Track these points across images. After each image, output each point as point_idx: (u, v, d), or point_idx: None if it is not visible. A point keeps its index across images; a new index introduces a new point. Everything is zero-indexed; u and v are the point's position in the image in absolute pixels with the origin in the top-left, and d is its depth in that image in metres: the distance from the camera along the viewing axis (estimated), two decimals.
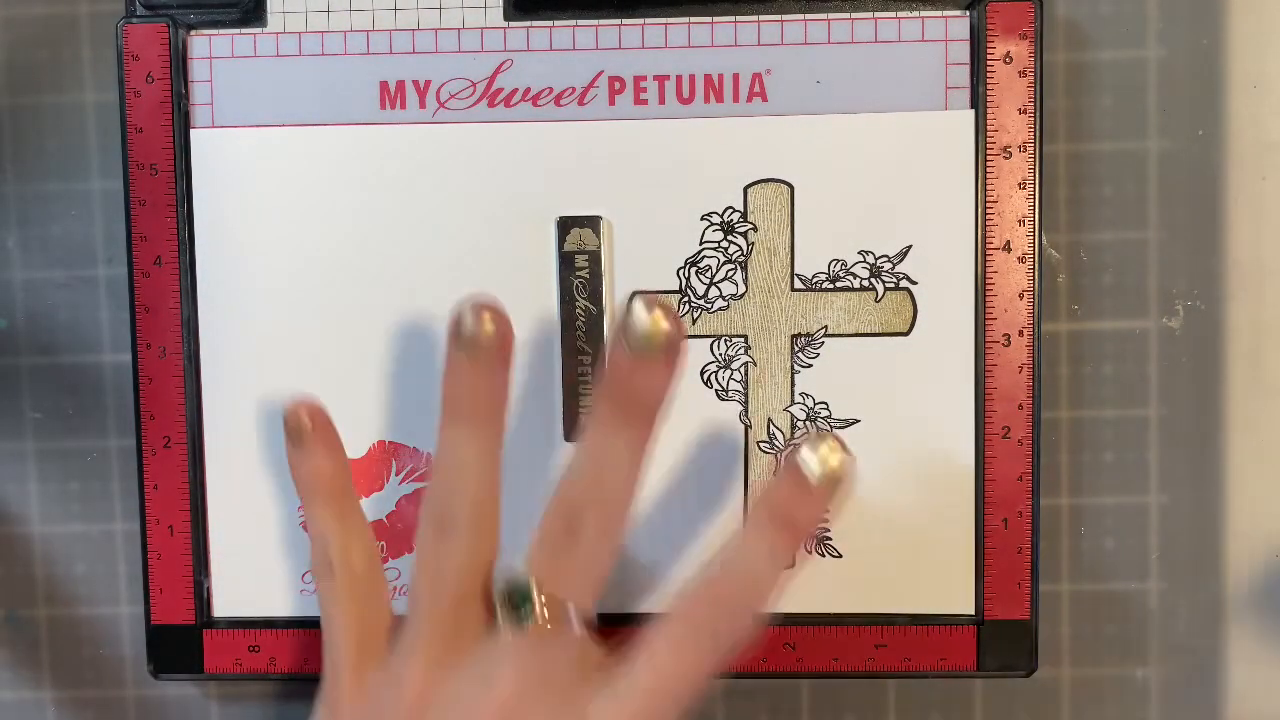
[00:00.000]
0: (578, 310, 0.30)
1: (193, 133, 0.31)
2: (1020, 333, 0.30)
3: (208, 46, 0.30)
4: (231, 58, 0.30)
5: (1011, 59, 0.29)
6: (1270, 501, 0.32)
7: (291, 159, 0.30)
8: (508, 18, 0.30)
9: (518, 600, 0.26)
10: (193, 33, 0.30)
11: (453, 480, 0.27)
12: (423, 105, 0.30)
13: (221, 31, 0.30)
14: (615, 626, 0.31)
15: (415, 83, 0.30)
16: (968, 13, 0.29)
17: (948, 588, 0.30)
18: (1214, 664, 0.32)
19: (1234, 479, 0.32)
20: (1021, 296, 0.30)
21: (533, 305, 0.30)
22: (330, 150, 0.30)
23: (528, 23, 0.30)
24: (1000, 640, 0.30)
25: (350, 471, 0.29)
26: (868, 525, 0.30)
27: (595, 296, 0.30)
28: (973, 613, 0.30)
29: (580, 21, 0.30)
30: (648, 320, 0.25)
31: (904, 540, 0.30)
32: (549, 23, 0.30)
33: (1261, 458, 0.32)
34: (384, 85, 0.30)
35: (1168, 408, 0.32)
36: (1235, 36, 0.31)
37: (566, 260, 0.30)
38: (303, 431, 0.29)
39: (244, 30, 0.30)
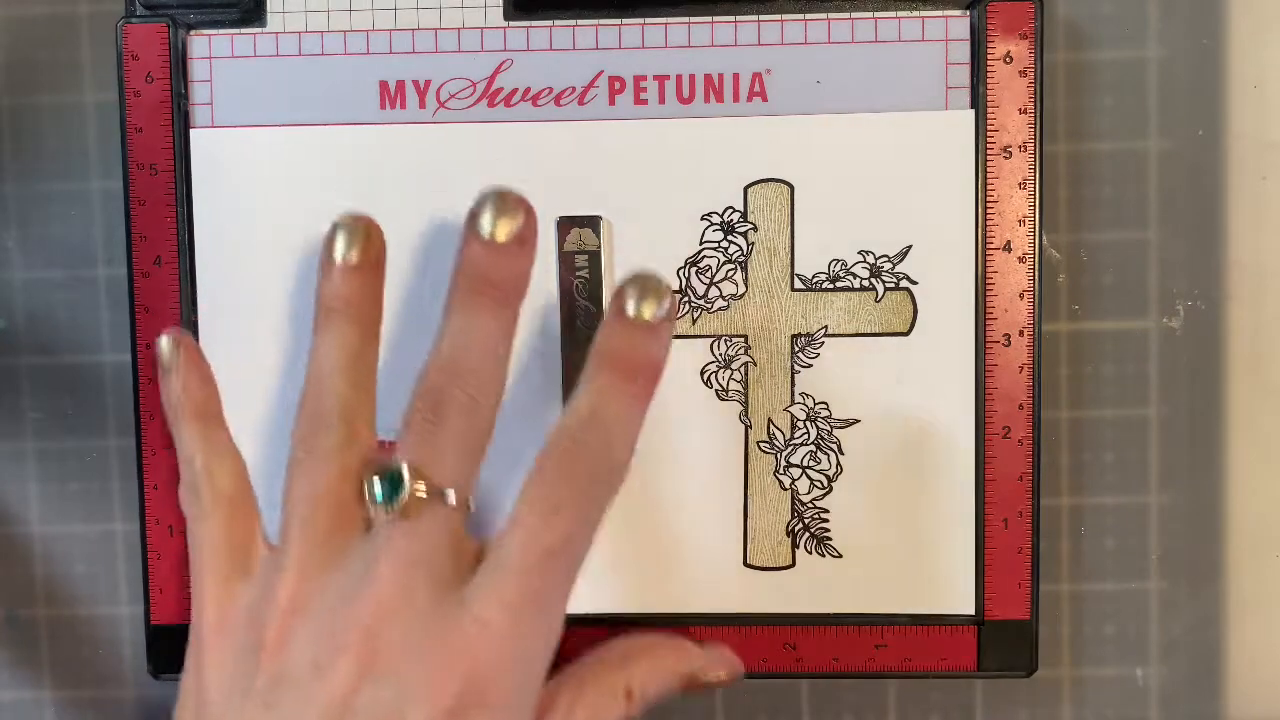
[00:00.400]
0: (578, 310, 0.30)
1: (192, 133, 0.31)
2: (1020, 333, 0.30)
3: (207, 46, 0.30)
4: (231, 58, 0.30)
5: (1011, 59, 0.29)
6: (1270, 501, 0.32)
7: (291, 159, 0.30)
8: (508, 17, 0.30)
9: (389, 484, 0.25)
10: (192, 33, 0.30)
11: (325, 382, 0.26)
12: (423, 105, 0.30)
13: (221, 31, 0.30)
14: (616, 626, 0.31)
15: (415, 83, 0.30)
16: (968, 13, 0.29)
17: (948, 588, 0.30)
18: (1214, 664, 0.32)
19: (1234, 479, 0.32)
20: (1021, 296, 0.30)
21: (533, 305, 0.30)
22: (330, 150, 0.30)
23: (528, 23, 0.30)
24: (1000, 640, 0.30)
25: (219, 397, 0.29)
26: (868, 525, 0.30)
27: (595, 296, 0.30)
28: (973, 613, 0.30)
29: (580, 21, 0.30)
30: (497, 218, 0.26)
31: (904, 540, 0.30)
32: (549, 23, 0.30)
33: (1261, 458, 0.32)
34: (384, 85, 0.30)
35: (1168, 408, 0.32)
36: (1235, 36, 0.31)
37: (566, 260, 0.30)
38: (170, 357, 0.29)
39: (244, 30, 0.30)
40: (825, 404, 0.30)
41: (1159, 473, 0.32)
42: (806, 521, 0.31)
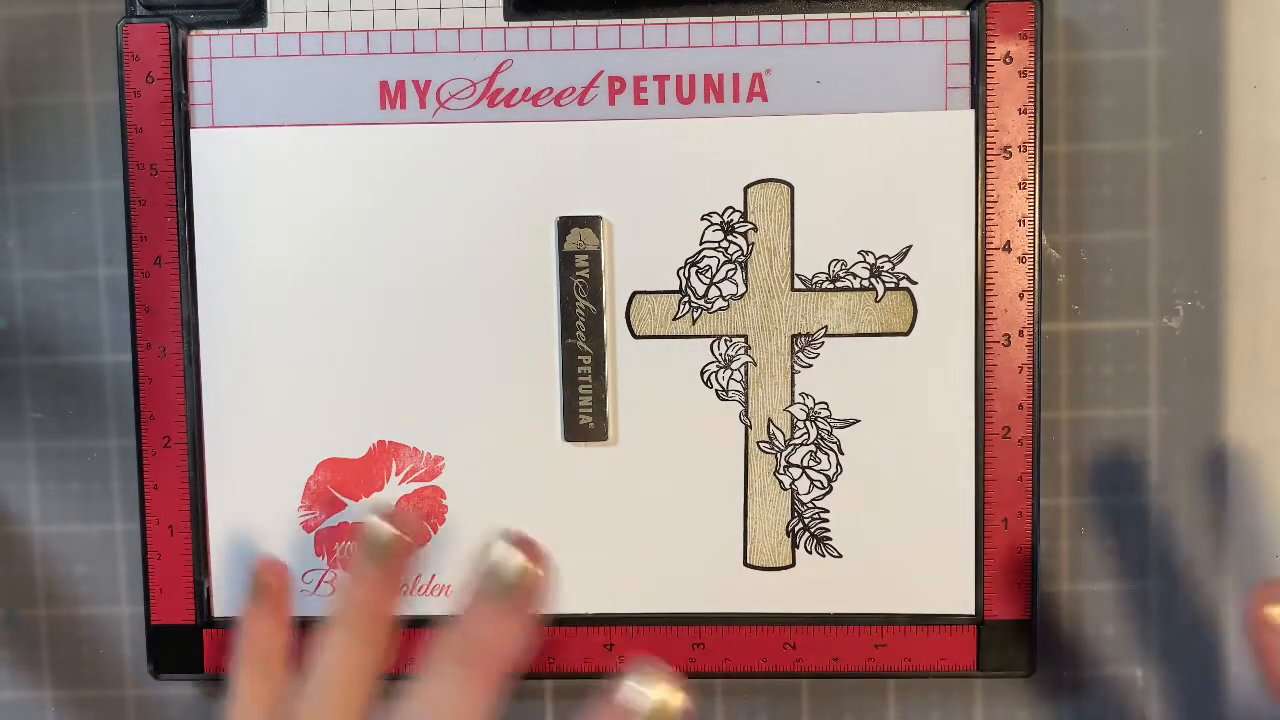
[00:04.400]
0: (578, 310, 0.30)
1: (193, 133, 0.31)
2: (1020, 333, 0.30)
3: (208, 46, 0.30)
4: (231, 58, 0.30)
5: (1011, 59, 0.29)
6: (1270, 501, 0.32)
7: (291, 159, 0.30)
8: (508, 18, 0.30)
9: None
10: (193, 33, 0.30)
11: (319, 696, 0.26)
12: (423, 105, 0.30)
13: (221, 31, 0.30)
14: (616, 626, 0.31)
15: (415, 83, 0.30)
16: (968, 13, 0.29)
17: (948, 588, 0.30)
18: (1214, 664, 0.32)
19: (1234, 479, 0.32)
20: (1021, 296, 0.30)
21: (533, 305, 0.30)
22: (330, 150, 0.30)
23: (528, 23, 0.30)
24: (1000, 640, 0.30)
25: (289, 644, 0.29)
26: (868, 525, 0.30)
27: (595, 296, 0.30)
28: (973, 613, 0.30)
29: (580, 21, 0.30)
30: (513, 564, 0.24)
31: (904, 540, 0.30)
32: (549, 23, 0.30)
33: (1261, 458, 0.32)
34: (384, 85, 0.30)
35: (1168, 408, 0.32)
36: (1235, 36, 0.31)
37: (567, 260, 0.30)
38: (265, 593, 0.29)
39: (244, 30, 0.30)
40: (825, 404, 0.30)
41: (1159, 472, 0.32)
42: (806, 521, 0.31)
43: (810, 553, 0.31)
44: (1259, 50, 0.31)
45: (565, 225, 0.30)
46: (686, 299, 0.30)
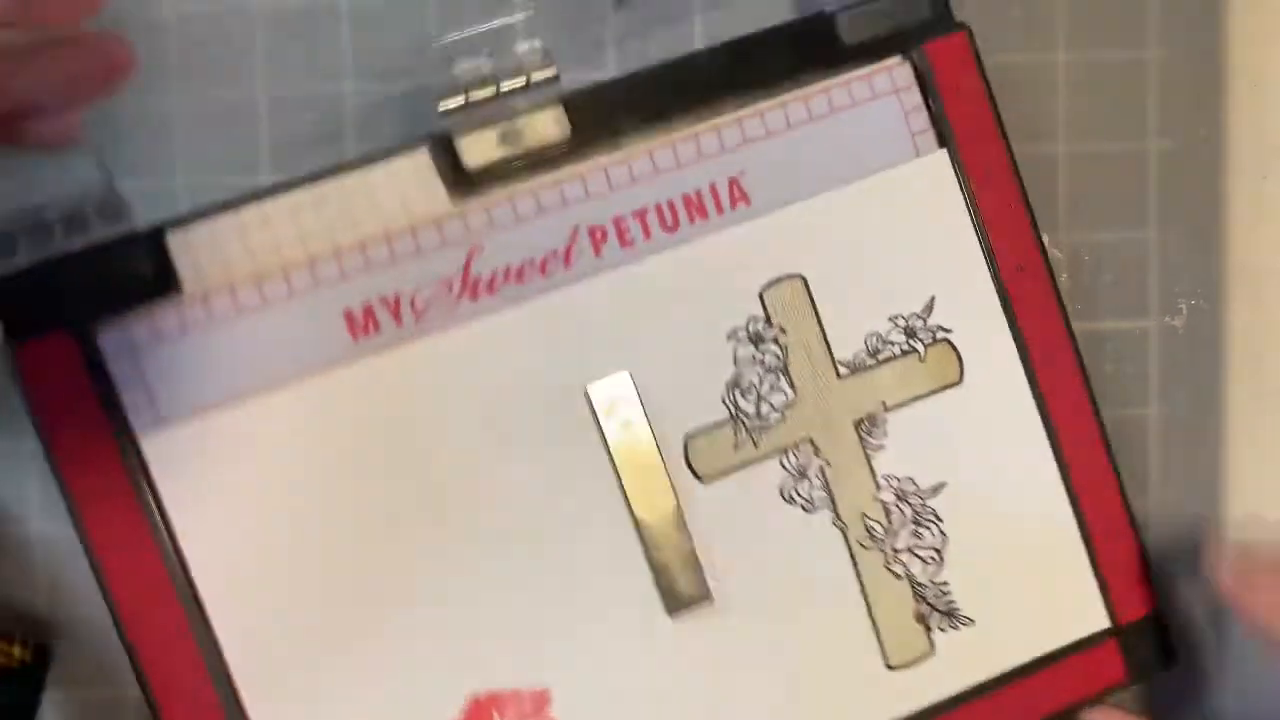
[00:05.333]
0: (634, 468, 0.28)
1: (141, 440, 0.26)
2: (1059, 343, 0.30)
3: (124, 339, 0.26)
4: (157, 342, 0.26)
5: (962, 89, 0.29)
6: (1270, 501, 0.32)
7: (264, 431, 0.26)
8: (454, 202, 0.27)
9: None
10: (101, 329, 0.26)
11: None
12: (399, 323, 0.27)
13: (134, 315, 0.26)
14: None
15: (384, 300, 0.27)
16: (905, 59, 0.29)
17: (1079, 610, 0.30)
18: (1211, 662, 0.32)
19: (1234, 479, 0.32)
20: (1048, 309, 0.30)
21: (588, 479, 0.28)
22: (309, 406, 0.27)
23: (485, 200, 0.27)
24: (1140, 638, 0.30)
25: None
26: (988, 580, 0.29)
27: (641, 447, 0.28)
28: (1109, 624, 0.30)
29: (540, 181, 0.27)
30: None
31: (1025, 579, 0.30)
32: (508, 194, 0.27)
33: (1261, 458, 0.32)
34: (349, 314, 0.27)
35: (1168, 408, 0.32)
36: (1235, 36, 0.31)
37: (608, 426, 0.28)
38: None
39: (159, 304, 0.26)
40: (911, 479, 0.29)
41: (1159, 473, 0.32)
42: (931, 602, 0.29)
43: (944, 630, 0.29)
44: (1259, 50, 0.31)
45: (593, 395, 0.28)
46: (740, 424, 0.28)
